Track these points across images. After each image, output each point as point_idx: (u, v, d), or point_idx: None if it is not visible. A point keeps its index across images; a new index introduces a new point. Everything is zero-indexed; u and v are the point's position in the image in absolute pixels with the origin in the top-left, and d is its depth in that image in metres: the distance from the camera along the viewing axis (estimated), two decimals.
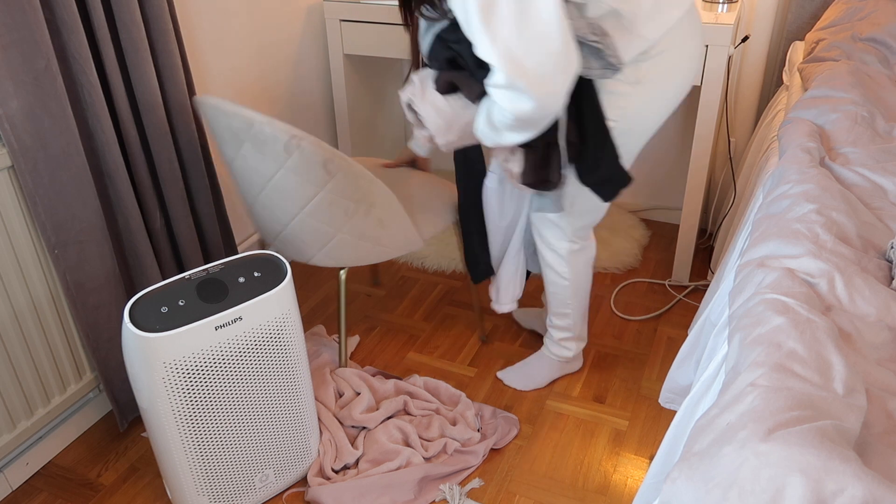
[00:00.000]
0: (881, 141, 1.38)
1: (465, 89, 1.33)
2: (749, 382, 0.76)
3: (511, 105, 1.20)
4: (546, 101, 1.19)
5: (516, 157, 1.40)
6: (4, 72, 1.28)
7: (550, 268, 1.64)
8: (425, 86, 1.38)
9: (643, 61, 1.33)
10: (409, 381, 1.80)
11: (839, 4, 1.97)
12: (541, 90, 1.17)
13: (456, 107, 1.36)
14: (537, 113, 1.21)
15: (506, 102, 1.20)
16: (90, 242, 1.49)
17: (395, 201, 1.58)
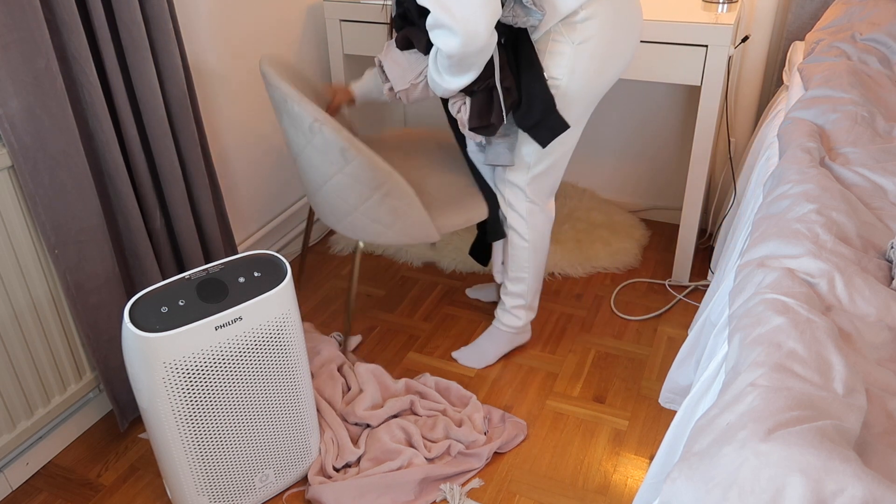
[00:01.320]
0: (881, 141, 1.38)
1: (415, 42, 1.49)
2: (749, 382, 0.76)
3: (443, 43, 1.35)
4: (470, 38, 1.32)
5: (465, 104, 1.53)
6: (4, 72, 1.28)
7: (512, 229, 1.73)
8: (390, 45, 1.56)
9: (581, 21, 1.46)
10: (420, 379, 1.80)
11: (839, 4, 1.97)
12: (464, 27, 1.31)
13: (411, 59, 1.53)
14: (463, 49, 1.34)
15: (439, 41, 1.35)
16: (90, 242, 1.49)
17: (411, 194, 1.63)
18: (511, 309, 1.85)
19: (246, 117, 2.10)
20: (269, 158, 2.24)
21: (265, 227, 2.29)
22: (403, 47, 1.52)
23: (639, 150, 2.54)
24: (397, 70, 1.55)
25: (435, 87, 1.50)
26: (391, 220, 1.65)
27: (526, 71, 1.49)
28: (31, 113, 1.34)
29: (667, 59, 1.90)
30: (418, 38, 1.47)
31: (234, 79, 2.02)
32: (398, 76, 1.55)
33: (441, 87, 1.48)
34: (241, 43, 2.02)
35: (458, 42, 1.32)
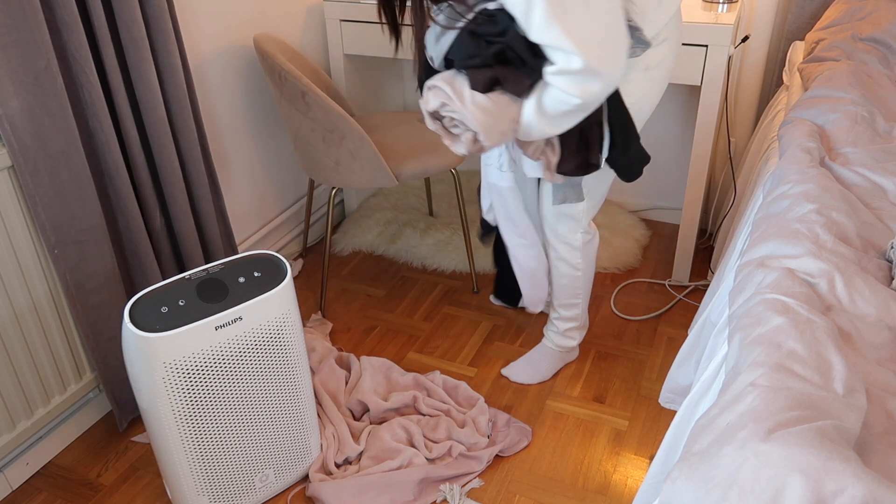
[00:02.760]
0: (881, 141, 1.38)
1: (512, 84, 1.28)
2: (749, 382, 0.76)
3: (579, 88, 1.20)
4: (612, 79, 1.21)
5: (554, 146, 1.39)
6: (4, 72, 1.28)
7: (563, 261, 1.67)
8: (460, 87, 1.29)
9: (651, 49, 1.37)
10: (429, 377, 1.80)
11: (839, 4, 1.97)
12: (609, 67, 1.19)
13: (501, 103, 1.29)
14: (604, 92, 1.22)
15: (573, 87, 1.20)
16: (90, 242, 1.49)
17: (364, 137, 1.83)
18: (564, 332, 1.82)
19: (246, 117, 2.10)
20: (269, 158, 2.24)
21: (265, 227, 2.29)
22: (487, 89, 1.28)
23: None
24: (487, 119, 1.28)
25: (532, 129, 1.32)
26: (351, 163, 1.89)
27: (616, 106, 1.38)
28: (31, 113, 1.34)
29: None
30: (518, 82, 1.27)
31: (235, 79, 2.02)
32: (489, 125, 1.29)
33: (542, 130, 1.31)
34: (241, 42, 2.02)
35: (601, 86, 1.20)
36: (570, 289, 1.72)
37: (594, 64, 1.17)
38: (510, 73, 1.27)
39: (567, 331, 1.81)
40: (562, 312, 1.78)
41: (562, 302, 1.76)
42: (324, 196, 2.55)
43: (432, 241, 2.43)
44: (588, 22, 1.15)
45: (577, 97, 1.21)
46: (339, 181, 1.97)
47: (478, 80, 1.27)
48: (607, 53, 1.19)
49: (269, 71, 1.88)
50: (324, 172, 1.97)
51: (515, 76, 1.27)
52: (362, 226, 2.54)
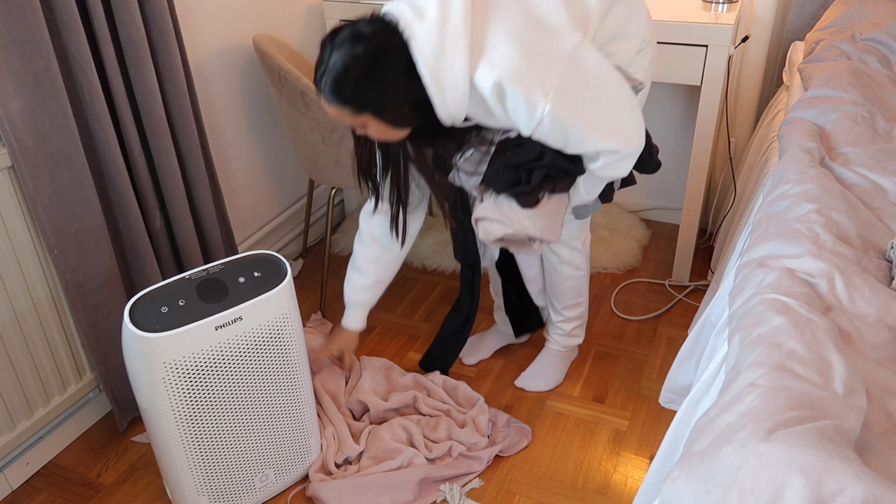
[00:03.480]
0: (881, 141, 1.38)
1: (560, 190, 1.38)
2: (749, 382, 0.76)
3: (621, 170, 1.30)
4: (642, 144, 1.29)
5: None
6: (4, 72, 1.28)
7: (566, 264, 1.68)
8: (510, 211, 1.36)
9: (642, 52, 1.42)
10: (430, 377, 1.80)
11: (839, 4, 1.97)
12: (638, 139, 1.27)
13: (552, 205, 1.39)
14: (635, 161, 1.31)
15: (616, 171, 1.30)
16: (90, 242, 1.49)
17: None
18: (570, 332, 1.82)
19: (246, 117, 2.10)
20: (269, 158, 2.24)
21: (265, 227, 2.29)
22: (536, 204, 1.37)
23: None
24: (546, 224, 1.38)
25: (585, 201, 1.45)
26: (350, 163, 1.87)
27: None
28: (31, 113, 1.34)
29: (667, 59, 1.90)
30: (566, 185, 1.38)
31: (235, 79, 2.02)
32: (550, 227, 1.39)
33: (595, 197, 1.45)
34: (241, 43, 2.02)
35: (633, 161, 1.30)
36: (574, 289, 1.73)
37: (629, 147, 1.26)
38: (560, 181, 1.36)
39: (573, 330, 1.82)
40: (567, 314, 1.78)
41: (566, 304, 1.76)
42: (324, 196, 2.55)
43: (432, 241, 2.43)
44: (607, 117, 1.24)
45: (621, 173, 1.32)
46: (339, 181, 1.97)
47: (529, 199, 1.36)
48: (633, 129, 1.26)
49: (268, 71, 1.88)
50: (324, 172, 1.97)
51: (561, 184, 1.37)
52: None
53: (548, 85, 1.14)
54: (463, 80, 1.15)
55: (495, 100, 1.16)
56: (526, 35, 1.15)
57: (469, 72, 1.14)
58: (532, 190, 1.35)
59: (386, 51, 1.14)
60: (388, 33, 1.15)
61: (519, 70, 1.13)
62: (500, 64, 1.13)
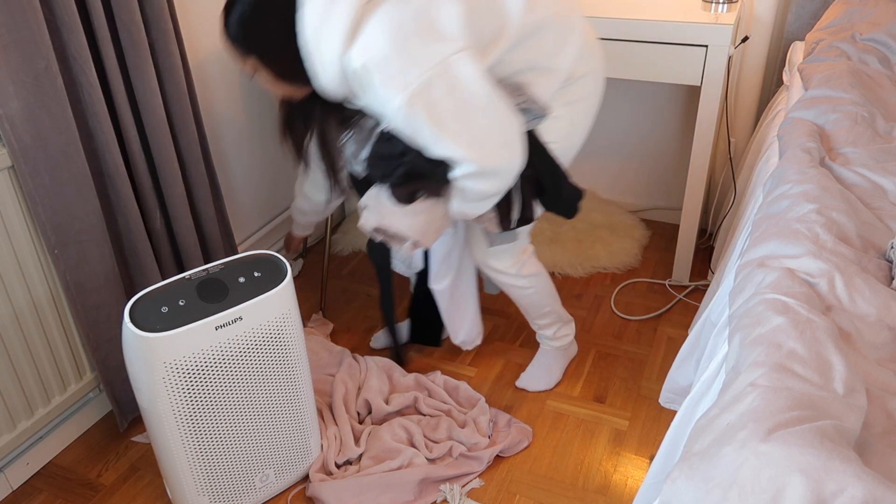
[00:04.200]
0: (881, 141, 1.38)
1: (430, 191, 1.37)
2: (749, 382, 0.76)
3: (482, 185, 1.30)
4: (510, 167, 1.29)
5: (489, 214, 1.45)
6: (4, 72, 1.28)
7: (512, 287, 1.67)
8: (387, 204, 1.39)
9: (570, 86, 1.42)
10: (430, 377, 1.81)
11: (839, 4, 1.97)
12: (502, 161, 1.27)
13: (427, 206, 1.40)
14: (505, 182, 1.31)
15: (476, 185, 1.30)
16: (90, 242, 1.49)
17: None
18: (554, 335, 1.81)
19: (246, 117, 2.10)
20: (269, 158, 2.24)
21: (265, 227, 2.29)
22: (409, 200, 1.38)
23: (639, 150, 2.54)
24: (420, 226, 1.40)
25: (464, 216, 1.42)
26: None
27: (540, 160, 1.43)
28: (31, 113, 1.34)
29: (667, 59, 1.90)
30: (433, 188, 1.36)
31: (234, 78, 2.02)
32: (423, 229, 1.41)
33: (474, 213, 1.41)
34: None
35: (503, 179, 1.29)
36: (532, 306, 1.73)
37: (487, 164, 1.26)
38: (425, 182, 1.35)
39: (555, 333, 1.81)
40: (539, 323, 1.78)
41: (532, 316, 1.76)
42: None
43: None
44: (468, 129, 1.23)
45: (484, 191, 1.31)
46: None
47: (400, 195, 1.37)
48: (497, 150, 1.26)
49: None
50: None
51: (430, 185, 1.35)
52: None
53: (408, 81, 1.16)
54: (336, 56, 1.18)
55: (357, 83, 1.20)
56: (408, 29, 1.16)
57: (343, 50, 1.17)
58: (398, 186, 1.36)
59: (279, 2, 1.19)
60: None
61: (385, 59, 1.15)
62: (369, 49, 1.15)
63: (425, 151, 1.27)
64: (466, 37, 1.20)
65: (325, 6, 1.16)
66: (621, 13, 1.94)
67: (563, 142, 1.47)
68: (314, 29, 1.18)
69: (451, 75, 1.18)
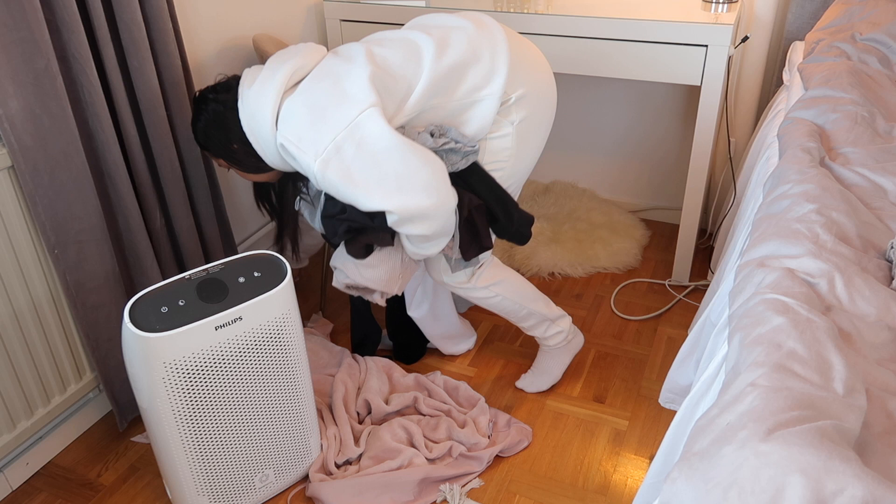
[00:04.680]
0: (881, 141, 1.38)
1: (377, 241, 1.45)
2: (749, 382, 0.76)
3: (418, 229, 1.35)
4: (438, 210, 1.34)
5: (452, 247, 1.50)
6: (4, 72, 1.28)
7: (477, 298, 1.68)
8: (346, 262, 1.49)
9: (510, 105, 1.46)
10: (430, 377, 1.81)
11: (839, 4, 1.97)
12: (428, 207, 1.32)
13: (383, 257, 1.49)
14: (438, 222, 1.35)
15: (412, 229, 1.35)
16: (90, 242, 1.49)
17: None
18: (544, 335, 1.78)
19: None
20: None
21: (265, 227, 2.29)
22: (366, 254, 1.48)
23: (639, 150, 2.54)
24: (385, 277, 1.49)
25: (420, 256, 1.47)
26: None
27: (487, 193, 1.47)
28: (31, 113, 1.34)
29: (667, 59, 1.90)
30: (380, 237, 1.44)
31: None
32: (387, 279, 1.50)
33: (428, 253, 1.45)
34: (241, 42, 2.02)
35: (430, 223, 1.34)
36: (505, 311, 1.71)
37: (409, 211, 1.31)
38: (371, 233, 1.43)
39: (545, 333, 1.77)
40: (524, 325, 1.76)
41: (514, 320, 1.75)
42: None
43: None
44: (382, 181, 1.30)
45: (423, 233, 1.36)
46: None
47: (354, 251, 1.47)
48: (416, 196, 1.31)
49: None
50: None
51: (376, 235, 1.43)
52: None
53: (318, 149, 1.28)
54: (270, 140, 1.36)
55: (287, 156, 1.35)
56: (321, 100, 1.30)
57: (272, 130, 1.35)
58: (349, 242, 1.46)
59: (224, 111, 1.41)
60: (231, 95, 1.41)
61: (299, 134, 1.30)
62: (286, 129, 1.32)
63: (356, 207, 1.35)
64: (374, 95, 1.29)
65: (254, 101, 1.34)
66: (621, 13, 1.94)
67: (512, 163, 1.50)
68: (248, 125, 1.37)
69: (359, 134, 1.28)
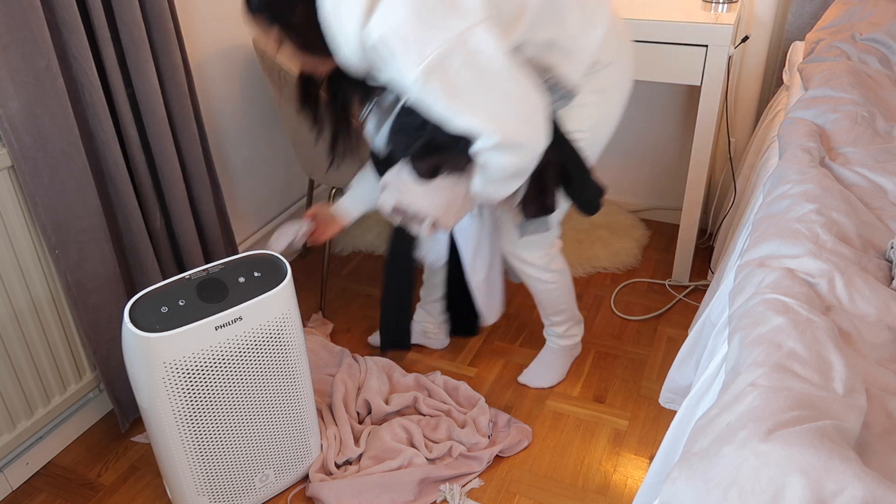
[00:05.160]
0: (881, 141, 1.38)
1: (450, 167, 1.33)
2: (749, 382, 0.76)
3: (505, 161, 1.25)
4: (533, 146, 1.25)
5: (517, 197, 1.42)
6: (5, 72, 1.28)
7: (537, 280, 1.67)
8: (406, 181, 1.36)
9: (598, 71, 1.40)
10: (430, 377, 1.81)
11: (839, 4, 1.97)
12: (526, 135, 1.23)
13: (449, 184, 1.35)
14: (527, 158, 1.26)
15: (499, 160, 1.25)
16: (90, 242, 1.49)
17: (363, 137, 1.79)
18: (564, 333, 1.82)
19: (246, 117, 2.10)
20: (269, 158, 2.24)
21: (265, 227, 2.29)
22: (430, 176, 1.34)
23: (639, 149, 2.54)
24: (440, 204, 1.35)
25: (486, 197, 1.37)
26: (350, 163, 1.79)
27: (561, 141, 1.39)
28: (31, 113, 1.34)
29: (667, 59, 1.90)
30: (454, 163, 1.32)
31: (235, 79, 2.02)
32: (444, 208, 1.35)
33: (496, 195, 1.36)
34: (241, 42, 2.02)
35: (522, 156, 1.25)
36: (550, 301, 1.73)
37: (510, 138, 1.21)
38: (447, 156, 1.31)
39: (565, 331, 1.82)
40: (553, 319, 1.79)
41: (548, 312, 1.77)
42: (324, 196, 2.55)
43: None
44: (487, 102, 1.20)
45: (507, 167, 1.26)
46: (339, 181, 1.97)
47: (420, 170, 1.33)
48: (518, 124, 1.22)
49: (268, 71, 1.88)
50: (323, 172, 1.97)
51: (451, 159, 1.31)
52: (362, 226, 2.54)
53: (425, 54, 1.14)
54: (356, 29, 1.16)
55: (377, 56, 1.18)
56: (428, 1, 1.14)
57: (362, 23, 1.15)
58: (418, 159, 1.32)
59: None
60: None
61: (402, 31, 1.13)
62: (387, 21, 1.13)
63: (445, 125, 1.23)
64: (486, 10, 1.17)
65: None
66: (621, 13, 1.94)
67: (591, 133, 1.45)
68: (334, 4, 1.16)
69: (469, 48, 1.15)
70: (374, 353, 1.96)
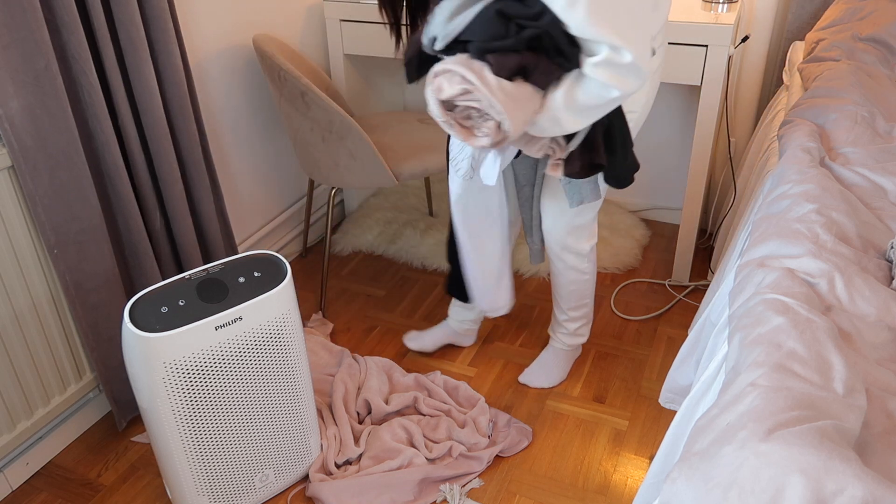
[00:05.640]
0: (881, 141, 1.38)
1: (540, 75, 1.16)
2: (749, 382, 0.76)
3: (621, 81, 1.14)
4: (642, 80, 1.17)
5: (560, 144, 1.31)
6: (4, 72, 1.28)
7: (575, 270, 1.67)
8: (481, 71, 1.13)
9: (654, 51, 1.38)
10: (430, 377, 1.81)
11: (839, 4, 1.97)
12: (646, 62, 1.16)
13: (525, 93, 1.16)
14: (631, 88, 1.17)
15: (615, 80, 1.14)
16: (90, 242, 1.49)
17: (363, 137, 1.84)
18: (575, 331, 1.81)
19: (246, 117, 2.10)
20: (269, 158, 2.24)
21: (265, 227, 2.29)
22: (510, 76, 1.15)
23: (639, 149, 2.54)
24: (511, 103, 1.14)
25: (555, 123, 1.23)
26: (350, 163, 1.91)
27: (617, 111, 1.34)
28: (31, 113, 1.34)
29: (667, 59, 1.90)
30: (547, 73, 1.17)
31: (235, 79, 2.02)
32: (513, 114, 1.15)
33: (564, 126, 1.23)
34: (241, 42, 2.02)
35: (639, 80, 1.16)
36: (578, 293, 1.73)
37: (640, 58, 1.13)
38: (540, 62, 1.15)
39: (577, 329, 1.82)
40: (572, 314, 1.78)
41: (571, 305, 1.76)
42: (324, 196, 2.55)
43: (432, 241, 2.43)
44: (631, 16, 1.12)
45: (617, 89, 1.15)
46: (339, 181, 1.97)
47: (504, 65, 1.13)
48: (646, 48, 1.15)
49: (268, 71, 1.88)
50: (323, 172, 1.97)
51: (546, 66, 1.15)
52: (362, 226, 2.54)
53: None
54: None
55: None
56: None
57: None
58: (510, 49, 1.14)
59: None
60: None
61: None
62: None
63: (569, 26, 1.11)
64: None
65: None
66: None
67: (639, 114, 1.43)
68: None
69: None
70: (373, 353, 1.97)
